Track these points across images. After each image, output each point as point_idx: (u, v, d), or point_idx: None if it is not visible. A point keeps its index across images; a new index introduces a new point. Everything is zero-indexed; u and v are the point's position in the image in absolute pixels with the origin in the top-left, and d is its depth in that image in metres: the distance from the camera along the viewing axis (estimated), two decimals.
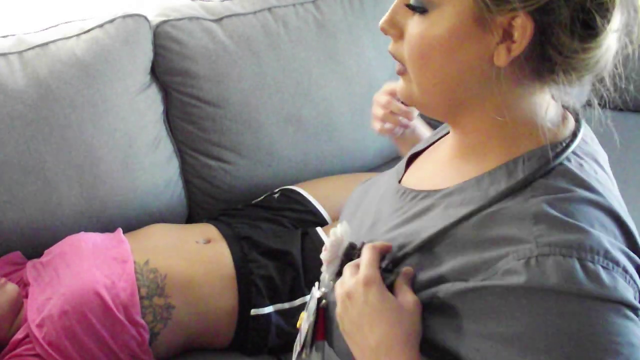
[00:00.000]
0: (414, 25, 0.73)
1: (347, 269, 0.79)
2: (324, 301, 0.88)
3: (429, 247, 0.76)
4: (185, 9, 1.79)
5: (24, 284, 1.52)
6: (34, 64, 1.60)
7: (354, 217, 0.96)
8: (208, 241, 1.60)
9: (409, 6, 0.73)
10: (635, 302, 0.69)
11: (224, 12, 1.81)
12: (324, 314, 0.87)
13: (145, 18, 1.72)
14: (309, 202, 1.74)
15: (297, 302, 1.52)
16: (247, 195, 1.83)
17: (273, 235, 1.63)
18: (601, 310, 0.66)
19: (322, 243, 1.57)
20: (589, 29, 0.68)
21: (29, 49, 1.61)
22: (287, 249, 1.57)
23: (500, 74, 0.71)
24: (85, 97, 1.62)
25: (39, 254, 1.57)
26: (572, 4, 0.67)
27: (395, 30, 0.76)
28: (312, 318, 0.88)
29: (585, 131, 0.80)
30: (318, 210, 1.72)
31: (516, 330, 0.68)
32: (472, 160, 0.79)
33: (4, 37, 1.64)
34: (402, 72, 0.78)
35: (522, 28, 0.68)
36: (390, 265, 0.80)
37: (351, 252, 0.82)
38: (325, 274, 0.85)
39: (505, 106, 0.74)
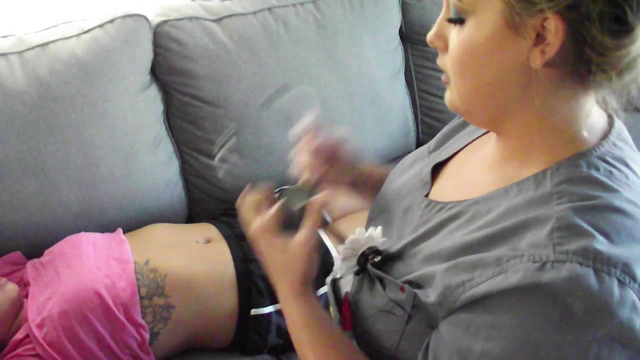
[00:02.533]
0: (454, 35, 0.76)
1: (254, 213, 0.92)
2: (347, 296, 0.90)
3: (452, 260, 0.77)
4: (185, 9, 1.79)
5: (24, 284, 1.52)
6: (34, 64, 1.60)
7: (377, 220, 0.97)
8: (208, 241, 1.60)
9: (450, 20, 0.76)
10: (635, 323, 0.68)
11: (224, 12, 1.81)
12: (349, 307, 0.90)
13: (145, 18, 1.72)
14: None
15: None
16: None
17: None
18: (593, 323, 0.67)
19: (322, 243, 1.57)
20: (621, 23, 0.67)
21: (29, 49, 1.61)
22: None
23: (538, 77, 0.72)
24: (85, 97, 1.62)
25: (39, 254, 1.57)
26: None
27: (441, 42, 0.79)
28: (334, 308, 0.93)
29: (620, 132, 0.80)
30: None
31: (490, 321, 0.70)
32: (512, 166, 0.80)
33: (4, 37, 1.64)
34: (447, 82, 0.80)
35: (554, 29, 0.68)
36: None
37: (367, 254, 0.87)
38: (343, 266, 0.90)
39: (547, 110, 0.75)
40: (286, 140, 1.85)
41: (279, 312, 1.51)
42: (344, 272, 0.90)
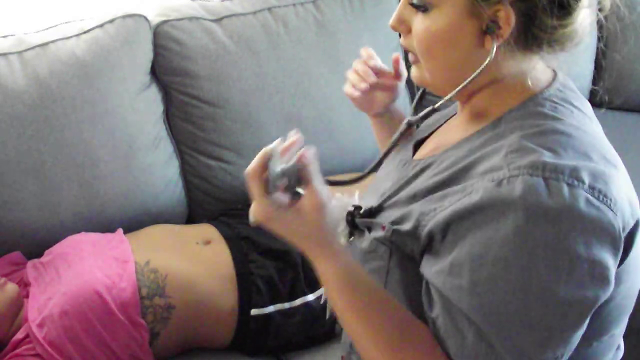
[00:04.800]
0: (419, 22, 0.85)
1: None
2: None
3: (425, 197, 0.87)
4: (185, 9, 1.79)
5: (24, 284, 1.52)
6: (34, 64, 1.60)
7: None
8: (208, 242, 1.60)
9: (412, 5, 0.85)
10: (597, 215, 0.77)
11: (224, 12, 1.81)
12: None
13: (145, 18, 1.72)
14: None
15: (297, 302, 1.52)
16: (247, 195, 1.82)
17: (273, 235, 1.62)
18: (554, 225, 0.75)
19: None
20: (564, 8, 0.80)
21: (29, 49, 1.61)
22: (287, 249, 1.57)
23: (496, 55, 0.83)
24: (85, 97, 1.62)
25: (39, 254, 1.57)
26: None
27: (404, 26, 0.88)
28: None
29: (564, 83, 0.91)
30: None
31: (467, 248, 0.79)
32: (475, 122, 0.90)
33: (4, 37, 1.64)
34: (415, 61, 0.90)
35: (505, 18, 0.80)
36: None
37: (352, 211, 0.95)
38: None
39: (500, 73, 0.86)
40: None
41: (279, 312, 1.51)
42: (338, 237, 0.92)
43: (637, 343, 1.54)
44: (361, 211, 0.95)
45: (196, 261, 1.52)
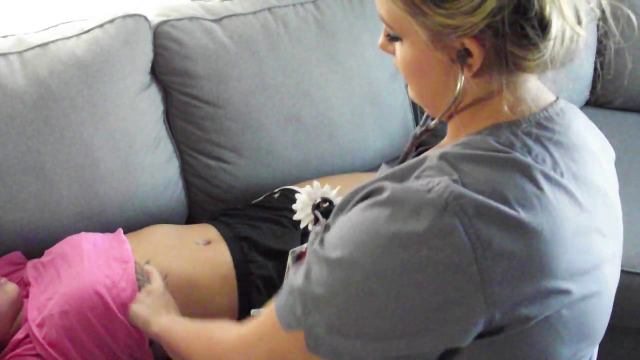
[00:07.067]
0: (397, 49, 0.85)
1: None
2: (305, 246, 1.03)
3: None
4: (185, 9, 1.79)
5: (24, 284, 1.52)
6: (34, 64, 1.60)
7: None
8: (208, 242, 1.60)
9: (387, 36, 0.86)
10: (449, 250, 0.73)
11: (224, 12, 1.81)
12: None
13: (145, 18, 1.72)
14: None
15: None
16: (247, 195, 1.83)
17: (273, 235, 1.63)
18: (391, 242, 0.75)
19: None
20: (528, 39, 0.75)
21: (29, 49, 1.61)
22: (287, 249, 1.56)
23: (472, 82, 0.81)
24: (85, 97, 1.62)
25: (39, 254, 1.57)
26: (504, 23, 0.74)
27: (390, 48, 0.87)
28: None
29: (555, 116, 0.84)
30: None
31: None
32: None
33: (4, 37, 1.64)
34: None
35: (473, 49, 0.77)
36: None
37: (320, 204, 1.04)
38: (301, 213, 1.08)
39: (483, 96, 0.82)
40: (286, 140, 1.86)
41: None
42: (302, 219, 1.08)
43: (638, 343, 1.54)
44: (325, 205, 1.01)
45: (196, 261, 1.53)
